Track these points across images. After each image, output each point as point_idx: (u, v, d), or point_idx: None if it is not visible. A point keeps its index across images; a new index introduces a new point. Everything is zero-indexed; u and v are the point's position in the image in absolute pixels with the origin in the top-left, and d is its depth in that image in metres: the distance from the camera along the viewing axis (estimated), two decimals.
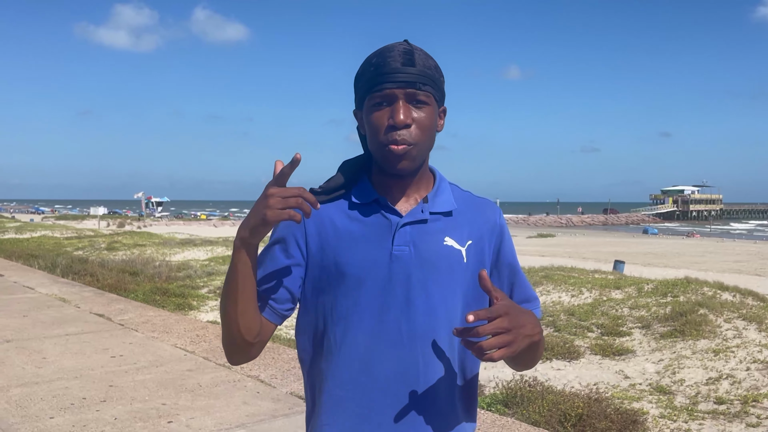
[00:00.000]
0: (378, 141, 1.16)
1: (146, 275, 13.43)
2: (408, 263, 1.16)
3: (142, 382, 4.76)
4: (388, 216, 1.19)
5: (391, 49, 1.17)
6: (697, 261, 28.07)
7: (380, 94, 1.15)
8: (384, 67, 1.15)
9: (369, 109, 1.17)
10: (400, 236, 1.17)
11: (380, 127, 1.15)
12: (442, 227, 1.20)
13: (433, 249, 1.18)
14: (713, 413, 6.26)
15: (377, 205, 1.19)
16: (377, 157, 1.18)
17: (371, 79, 1.16)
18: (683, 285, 11.12)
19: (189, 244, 22.43)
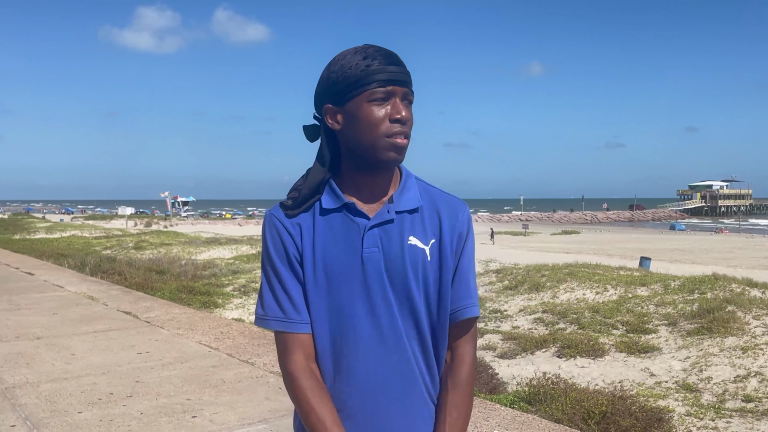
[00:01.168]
0: (377, 134, 1.19)
1: (172, 274, 13.61)
2: (378, 264, 1.22)
3: (168, 377, 4.83)
4: (356, 220, 1.24)
5: (379, 49, 1.22)
6: (725, 257, 27.56)
7: (383, 90, 1.19)
8: (384, 65, 1.19)
9: (365, 103, 1.19)
10: (369, 239, 1.23)
11: (380, 120, 1.19)
12: (407, 226, 1.25)
13: (398, 249, 1.23)
14: (741, 411, 6.16)
15: (346, 209, 1.24)
16: (369, 151, 1.21)
17: (372, 74, 1.18)
18: (711, 282, 10.94)
19: (214, 243, 22.68)
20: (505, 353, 8.30)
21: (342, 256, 1.23)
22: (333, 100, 1.22)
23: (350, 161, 1.26)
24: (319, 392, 1.22)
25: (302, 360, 1.23)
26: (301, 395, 1.22)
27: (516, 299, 11.70)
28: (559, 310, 10.29)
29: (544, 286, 12.14)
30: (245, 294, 12.17)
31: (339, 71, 1.21)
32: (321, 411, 1.20)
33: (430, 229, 1.26)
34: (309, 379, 1.22)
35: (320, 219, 1.25)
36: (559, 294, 11.74)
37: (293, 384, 1.23)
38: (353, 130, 1.21)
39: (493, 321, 10.23)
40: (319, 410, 1.20)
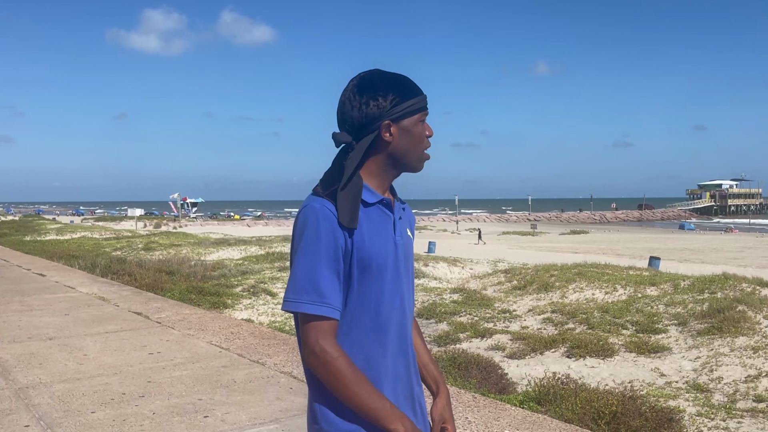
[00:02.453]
0: (422, 147, 1.51)
1: (182, 274, 13.66)
2: (402, 250, 1.51)
3: (179, 378, 4.87)
4: (387, 212, 1.50)
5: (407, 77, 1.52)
6: (735, 257, 27.40)
7: (425, 113, 1.52)
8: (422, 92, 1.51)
9: (418, 123, 1.49)
10: (398, 227, 1.50)
11: (424, 137, 1.51)
12: (405, 220, 1.56)
13: (407, 239, 1.55)
14: (752, 411, 6.13)
15: (381, 204, 1.49)
16: (414, 161, 1.50)
17: (422, 100, 1.50)
18: (721, 281, 10.88)
19: (223, 244, 22.76)
20: (515, 353, 8.29)
21: (383, 242, 1.46)
22: (392, 117, 1.46)
23: (387, 166, 1.50)
24: (356, 368, 1.37)
25: (336, 342, 1.38)
26: (345, 372, 1.34)
27: (525, 299, 11.68)
28: (569, 310, 10.26)
29: (553, 286, 12.12)
30: (254, 294, 12.21)
31: (401, 94, 1.47)
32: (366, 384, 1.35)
33: (410, 223, 1.60)
34: (347, 358, 1.37)
35: (363, 212, 1.45)
36: (568, 294, 11.72)
37: (335, 362, 1.34)
38: (405, 143, 1.48)
39: (502, 321, 10.22)
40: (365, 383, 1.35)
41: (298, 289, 1.37)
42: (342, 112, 1.49)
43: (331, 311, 1.37)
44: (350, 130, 1.48)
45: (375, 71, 1.51)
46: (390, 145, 1.47)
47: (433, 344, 8.89)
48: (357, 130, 1.47)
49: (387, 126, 1.46)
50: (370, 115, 1.45)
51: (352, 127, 1.47)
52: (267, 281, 13.25)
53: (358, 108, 1.46)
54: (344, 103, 1.48)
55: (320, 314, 1.36)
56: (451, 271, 17.61)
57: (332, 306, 1.37)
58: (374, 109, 1.45)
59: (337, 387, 1.35)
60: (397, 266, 1.47)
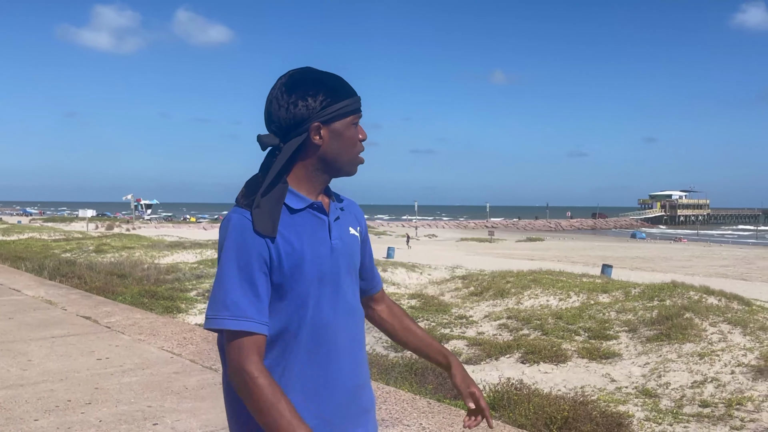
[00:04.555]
0: (355, 151, 1.44)
1: (135, 278, 13.35)
2: (342, 252, 1.44)
3: (128, 384, 4.74)
4: (320, 216, 1.42)
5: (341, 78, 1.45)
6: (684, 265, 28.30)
7: (359, 116, 1.45)
8: (356, 93, 1.44)
9: (350, 126, 1.42)
10: (334, 230, 1.43)
11: (357, 141, 1.44)
12: (345, 220, 1.49)
13: (349, 239, 1.48)
14: (698, 416, 6.32)
15: (311, 208, 1.41)
16: (347, 165, 1.44)
17: (355, 102, 1.43)
18: (670, 289, 11.21)
19: (178, 247, 22.34)
20: (470, 359, 8.36)
21: (317, 248, 1.39)
22: (322, 119, 1.39)
23: (318, 170, 1.43)
24: (277, 389, 1.28)
25: (259, 360, 1.30)
26: (260, 393, 1.26)
27: (481, 305, 11.80)
28: (523, 316, 10.41)
29: (508, 293, 12.28)
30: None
31: (333, 95, 1.39)
32: (281, 405, 1.26)
33: (354, 222, 1.52)
34: (268, 377, 1.28)
35: (289, 218, 1.38)
36: (524, 300, 11.89)
37: (253, 383, 1.27)
38: (336, 147, 1.41)
39: (458, 327, 10.30)
40: (279, 405, 1.26)
41: (218, 305, 1.30)
42: (269, 112, 1.40)
43: (253, 326, 1.29)
44: (277, 132, 1.39)
45: (306, 69, 1.43)
46: (320, 149, 1.40)
47: (390, 350, 8.89)
48: (284, 131, 1.38)
49: (317, 128, 1.38)
50: (299, 116, 1.37)
51: (279, 129, 1.39)
52: None
53: (286, 108, 1.37)
54: (271, 103, 1.40)
55: (241, 329, 1.29)
56: (410, 277, 17.68)
57: (253, 320, 1.30)
58: (303, 109, 1.37)
59: (253, 408, 1.27)
60: (337, 270, 1.41)
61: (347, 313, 1.44)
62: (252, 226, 1.32)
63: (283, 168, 1.38)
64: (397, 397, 4.36)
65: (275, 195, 1.35)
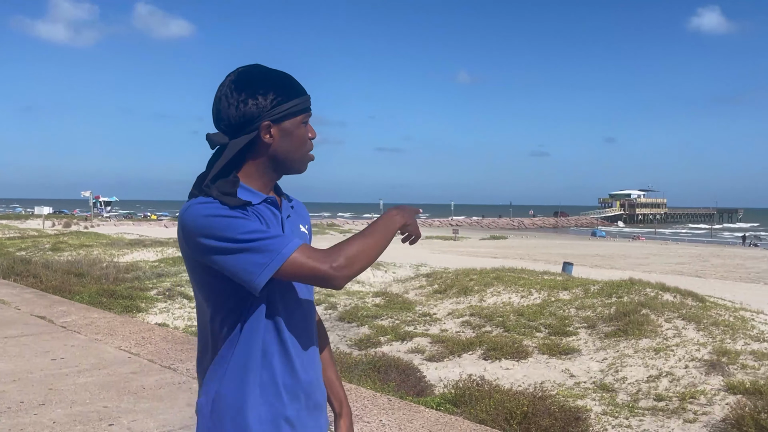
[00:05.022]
0: (305, 150, 1.44)
1: (93, 277, 13.05)
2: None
3: (84, 385, 4.63)
4: (274, 211, 1.43)
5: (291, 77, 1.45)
6: (641, 263, 28.97)
7: (309, 115, 1.44)
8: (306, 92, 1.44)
9: (300, 124, 1.42)
10: (286, 227, 1.44)
11: (307, 139, 1.44)
12: (296, 217, 1.51)
13: (300, 235, 1.48)
14: (653, 410, 6.48)
15: (266, 203, 1.42)
16: (296, 163, 1.44)
17: (305, 101, 1.42)
18: (627, 286, 11.46)
19: (138, 245, 21.91)
20: (433, 356, 8.42)
21: None
22: (273, 117, 1.38)
23: (268, 168, 1.43)
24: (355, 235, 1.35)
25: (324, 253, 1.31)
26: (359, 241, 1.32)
27: (445, 303, 11.89)
28: (486, 314, 10.52)
29: (472, 290, 12.39)
30: (170, 298, 11.81)
31: (283, 94, 1.39)
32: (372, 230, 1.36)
33: (303, 219, 1.54)
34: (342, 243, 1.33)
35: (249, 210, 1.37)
36: (486, 297, 12.02)
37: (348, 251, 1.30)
38: (287, 145, 1.41)
39: (422, 324, 10.35)
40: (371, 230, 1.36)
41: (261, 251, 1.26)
42: (218, 109, 1.38)
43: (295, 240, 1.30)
44: (226, 130, 1.38)
45: (255, 66, 1.42)
46: (270, 147, 1.39)
47: (354, 348, 8.89)
48: (234, 130, 1.37)
49: (267, 127, 1.37)
50: (249, 114, 1.36)
51: (228, 127, 1.37)
52: (184, 284, 12.85)
53: (236, 106, 1.36)
54: (220, 100, 1.38)
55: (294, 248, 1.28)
56: (374, 275, 17.69)
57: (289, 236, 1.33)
58: (253, 108, 1.36)
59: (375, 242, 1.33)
60: None
61: (302, 307, 1.45)
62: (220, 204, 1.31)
63: (228, 164, 1.37)
64: (358, 395, 4.36)
65: (228, 185, 1.34)
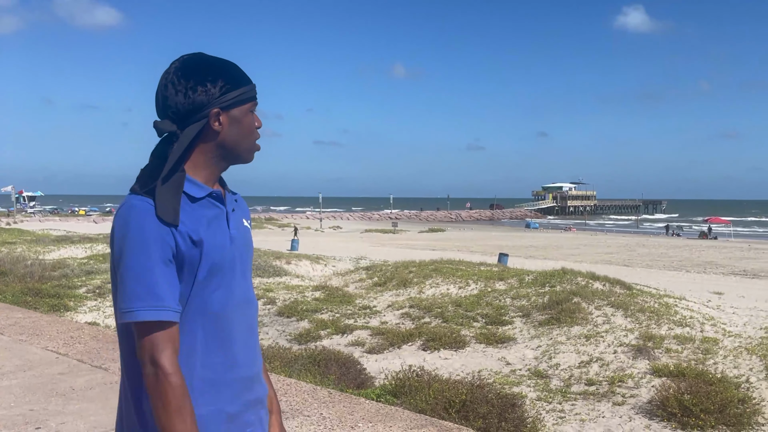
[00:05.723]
0: (252, 138, 1.43)
1: (16, 275, 12.44)
2: (240, 243, 1.43)
3: (8, 387, 4.41)
4: (218, 206, 1.41)
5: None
6: (573, 253, 29.99)
7: (255, 103, 1.43)
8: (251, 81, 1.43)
9: (248, 112, 1.41)
10: (232, 221, 1.43)
11: (254, 128, 1.43)
12: (239, 212, 1.48)
13: (244, 230, 1.47)
14: (584, 394, 6.73)
15: (210, 197, 1.39)
16: (244, 152, 1.42)
17: (252, 89, 1.42)
18: (560, 275, 11.85)
19: (66, 242, 21.02)
20: (373, 348, 8.45)
21: (217, 238, 1.37)
22: (222, 105, 1.37)
23: (217, 157, 1.40)
24: (186, 393, 1.26)
25: (173, 355, 1.26)
26: (171, 393, 1.23)
27: (385, 295, 11.96)
28: (425, 305, 10.65)
29: (411, 282, 12.51)
30: (100, 296, 11.39)
31: (232, 82, 1.38)
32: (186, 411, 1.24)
33: (245, 214, 1.52)
34: (180, 377, 1.25)
35: (189, 207, 1.35)
36: (425, 289, 12.16)
37: (166, 379, 1.23)
38: (235, 133, 1.40)
39: (362, 317, 10.38)
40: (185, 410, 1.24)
41: (132, 295, 1.25)
42: (164, 97, 1.36)
43: (172, 315, 1.27)
44: (174, 118, 1.35)
45: (200, 54, 1.41)
46: (219, 135, 1.38)
47: (294, 342, 8.82)
48: (182, 118, 1.35)
49: (216, 114, 1.36)
50: (198, 101, 1.34)
51: (176, 115, 1.35)
52: None
53: (184, 93, 1.34)
54: (166, 87, 1.36)
55: (160, 320, 1.25)
56: (314, 269, 17.60)
57: (172, 309, 1.27)
58: (202, 95, 1.35)
59: (158, 406, 1.24)
60: (234, 260, 1.40)
61: (244, 302, 1.43)
62: (155, 213, 1.28)
63: (182, 155, 1.35)
64: (298, 389, 4.33)
65: (174, 182, 1.32)
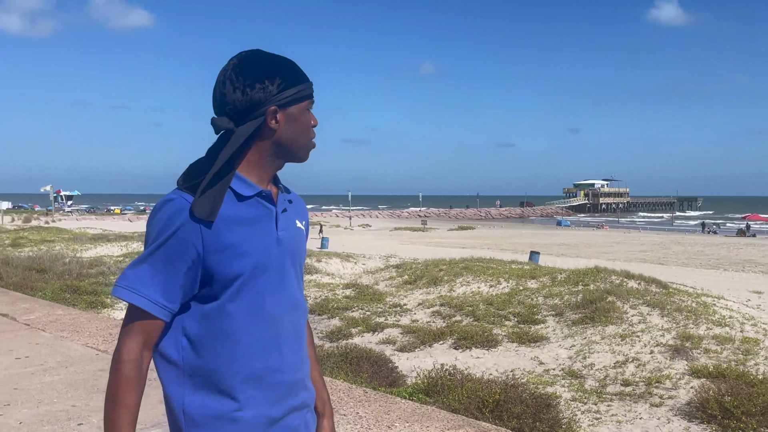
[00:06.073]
0: (309, 136, 1.41)
1: (55, 272, 12.74)
2: (288, 245, 1.40)
3: (50, 383, 4.52)
4: (267, 206, 1.38)
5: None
6: (606, 251, 29.54)
7: (312, 101, 1.41)
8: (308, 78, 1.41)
9: (305, 110, 1.39)
10: (281, 221, 1.39)
11: (311, 126, 1.41)
12: (292, 212, 1.45)
13: (295, 231, 1.44)
14: (620, 395, 6.63)
15: (259, 196, 1.36)
16: (300, 150, 1.40)
17: (309, 87, 1.39)
18: (593, 274, 11.68)
19: (102, 240, 21.46)
20: (405, 346, 8.45)
21: (262, 238, 1.34)
22: (280, 102, 1.35)
23: (272, 156, 1.38)
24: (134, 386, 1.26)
25: (138, 346, 1.27)
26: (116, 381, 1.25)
27: (415, 293, 11.94)
28: (456, 303, 10.61)
29: (441, 280, 12.47)
30: None
31: (290, 79, 1.36)
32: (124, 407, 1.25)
33: (300, 216, 1.48)
34: (135, 369, 1.26)
35: (235, 206, 1.33)
36: (456, 287, 12.11)
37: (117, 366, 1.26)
38: (292, 131, 1.38)
39: (393, 315, 10.38)
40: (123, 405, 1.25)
41: (126, 274, 1.28)
42: (222, 93, 1.34)
43: (147, 305, 1.25)
44: (231, 115, 1.33)
45: (258, 51, 1.38)
46: (275, 134, 1.36)
47: (325, 340, 8.87)
48: (239, 115, 1.33)
49: (273, 112, 1.34)
50: (255, 99, 1.32)
51: (233, 112, 1.33)
52: None
53: (242, 90, 1.32)
54: (224, 84, 1.34)
55: (135, 305, 1.25)
56: (344, 267, 17.67)
57: (150, 300, 1.25)
58: (260, 92, 1.32)
59: (107, 390, 1.26)
60: (282, 262, 1.37)
61: (291, 306, 1.41)
62: (190, 210, 1.27)
63: (235, 152, 1.34)
64: (333, 387, 4.35)
65: (221, 180, 1.30)
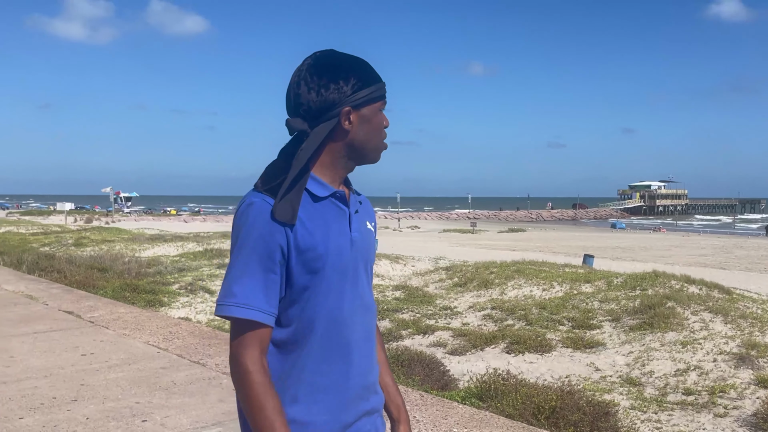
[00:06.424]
0: (381, 138, 1.41)
1: (115, 271, 13.18)
2: (360, 246, 1.40)
3: (115, 380, 4.67)
4: (341, 206, 1.38)
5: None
6: (663, 255, 28.63)
7: (385, 102, 1.41)
8: (381, 79, 1.40)
9: (378, 111, 1.39)
10: (354, 222, 1.39)
11: (383, 127, 1.41)
12: (363, 213, 1.45)
13: (366, 233, 1.44)
14: (682, 404, 6.40)
15: (333, 197, 1.36)
16: (373, 151, 1.40)
17: (381, 87, 1.39)
18: (651, 278, 11.33)
19: (159, 240, 22.09)
20: (456, 350, 8.39)
21: (337, 239, 1.35)
22: (354, 103, 1.34)
23: (344, 157, 1.38)
24: (270, 390, 1.26)
25: (258, 354, 1.27)
26: (251, 389, 1.24)
27: (465, 296, 11.84)
28: (508, 307, 10.47)
29: (492, 283, 12.33)
30: (192, 292, 11.89)
31: (363, 79, 1.35)
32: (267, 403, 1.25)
33: (370, 216, 1.48)
34: (263, 374, 1.26)
35: (311, 207, 1.33)
36: (507, 291, 11.95)
37: (247, 377, 1.25)
38: (365, 133, 1.37)
39: (443, 318, 10.33)
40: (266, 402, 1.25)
41: (225, 291, 1.28)
42: (296, 94, 1.33)
43: (258, 315, 1.26)
44: (305, 116, 1.33)
45: (332, 51, 1.37)
46: (349, 135, 1.35)
47: None
48: (313, 116, 1.33)
49: (347, 113, 1.33)
50: (330, 99, 1.32)
51: (307, 113, 1.33)
52: (205, 278, 12.94)
53: (317, 91, 1.31)
54: (299, 85, 1.33)
55: (246, 318, 1.26)
56: (393, 269, 17.67)
57: (259, 310, 1.27)
58: (334, 93, 1.32)
59: (243, 403, 1.26)
60: (355, 264, 1.37)
61: (363, 308, 1.40)
62: (271, 212, 1.27)
63: (312, 154, 1.34)
64: None
65: (299, 182, 1.30)
